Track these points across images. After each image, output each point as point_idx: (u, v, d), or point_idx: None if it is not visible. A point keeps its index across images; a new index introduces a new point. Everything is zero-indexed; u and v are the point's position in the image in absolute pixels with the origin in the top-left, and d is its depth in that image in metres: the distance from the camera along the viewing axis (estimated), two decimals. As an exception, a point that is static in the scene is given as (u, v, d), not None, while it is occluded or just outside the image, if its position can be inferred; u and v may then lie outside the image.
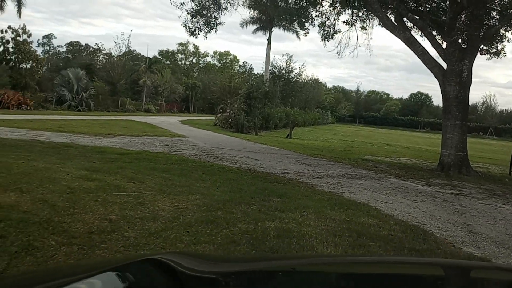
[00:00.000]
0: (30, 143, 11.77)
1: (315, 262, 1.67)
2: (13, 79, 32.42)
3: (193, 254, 2.31)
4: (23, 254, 3.64)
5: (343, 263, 1.72)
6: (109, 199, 5.85)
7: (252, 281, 1.33)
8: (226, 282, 1.28)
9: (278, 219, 5.53)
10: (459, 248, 5.05)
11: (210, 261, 1.57)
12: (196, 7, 15.90)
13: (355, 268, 1.59)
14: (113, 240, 4.19)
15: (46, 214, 4.84)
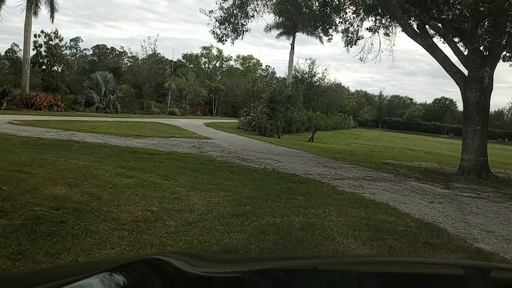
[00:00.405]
0: (67, 143, 12.50)
1: (316, 263, 1.69)
2: (45, 81, 33.66)
3: (193, 254, 2.30)
4: (83, 236, 4.22)
5: (344, 263, 1.76)
6: (148, 194, 6.44)
7: (252, 282, 1.33)
8: (226, 283, 1.30)
9: (302, 214, 6.03)
10: (470, 244, 5.46)
11: (210, 261, 1.58)
12: (224, 14, 16.59)
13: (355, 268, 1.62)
14: (157, 228, 4.75)
15: (95, 205, 5.44)
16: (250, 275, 1.36)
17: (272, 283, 1.33)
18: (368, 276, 1.52)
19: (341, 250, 4.55)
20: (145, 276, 1.25)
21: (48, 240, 3.97)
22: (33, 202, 5.25)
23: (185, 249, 4.12)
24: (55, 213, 4.85)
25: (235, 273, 1.39)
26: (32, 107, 28.91)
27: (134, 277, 1.23)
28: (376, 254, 4.48)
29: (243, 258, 2.40)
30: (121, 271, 1.22)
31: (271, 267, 1.50)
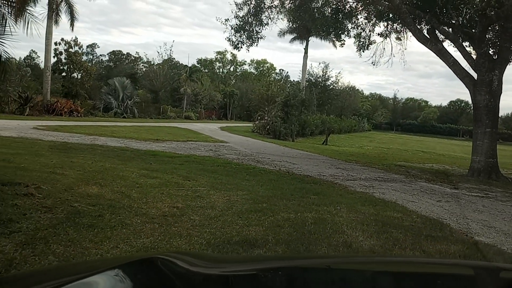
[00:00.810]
0: (91, 147, 13.15)
1: (315, 263, 1.71)
2: (65, 88, 34.70)
3: (193, 254, 2.32)
4: (120, 227, 4.77)
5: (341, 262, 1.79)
6: (172, 193, 6.99)
7: (251, 282, 1.34)
8: (225, 282, 1.31)
9: (315, 211, 6.51)
10: (471, 237, 5.89)
11: (209, 261, 1.59)
12: (239, 23, 17.21)
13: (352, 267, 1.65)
14: (183, 222, 5.28)
15: (126, 202, 6.00)
16: (249, 275, 1.39)
17: (271, 283, 1.34)
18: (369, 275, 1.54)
19: (350, 242, 5.01)
20: (145, 275, 1.27)
21: (90, 231, 4.53)
22: (70, 199, 5.83)
23: (210, 239, 4.64)
24: (92, 209, 5.42)
25: (235, 272, 1.41)
26: (53, 112, 29.85)
27: (134, 276, 1.24)
28: (388, 253, 4.69)
29: (243, 258, 2.38)
30: (121, 270, 1.24)
31: (271, 267, 1.51)
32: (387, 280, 1.51)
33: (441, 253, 4.86)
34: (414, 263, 1.97)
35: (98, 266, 1.46)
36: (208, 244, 4.46)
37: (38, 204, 5.38)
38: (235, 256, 3.45)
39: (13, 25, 5.93)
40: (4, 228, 4.30)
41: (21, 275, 2.20)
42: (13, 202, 5.28)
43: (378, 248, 4.85)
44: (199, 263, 1.43)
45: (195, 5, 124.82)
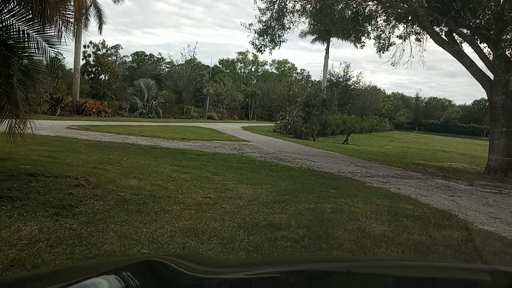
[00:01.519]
0: (123, 145, 14.04)
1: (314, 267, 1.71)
2: (93, 89, 36.01)
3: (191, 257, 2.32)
4: (162, 213, 5.52)
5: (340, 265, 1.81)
6: (203, 186, 7.73)
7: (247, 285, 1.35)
8: (221, 286, 1.33)
9: (333, 202, 7.17)
10: (475, 226, 6.46)
11: (206, 264, 1.61)
12: (262, 27, 17.95)
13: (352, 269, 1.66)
14: (216, 209, 6.00)
15: (164, 193, 6.76)
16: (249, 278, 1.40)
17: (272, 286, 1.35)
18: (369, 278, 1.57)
19: (363, 228, 5.65)
20: (144, 278, 1.28)
21: (138, 215, 5.29)
22: (116, 190, 6.61)
23: (241, 223, 5.34)
24: (136, 198, 6.19)
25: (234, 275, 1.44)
26: (82, 113, 31.09)
27: (133, 279, 1.25)
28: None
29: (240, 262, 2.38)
30: (121, 272, 1.26)
31: (268, 271, 1.52)
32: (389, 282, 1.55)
33: (445, 237, 5.45)
34: (417, 266, 1.98)
35: (97, 269, 1.44)
36: (239, 227, 5.16)
37: (90, 194, 6.17)
38: (233, 259, 3.49)
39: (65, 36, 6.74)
40: (67, 211, 5.09)
41: (23, 276, 2.29)
42: (69, 191, 6.09)
43: (389, 233, 5.47)
44: (195, 266, 1.44)
45: (217, 6, 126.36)
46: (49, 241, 4.06)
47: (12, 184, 6.23)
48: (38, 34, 6.87)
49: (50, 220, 4.70)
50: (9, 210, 4.91)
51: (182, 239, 4.53)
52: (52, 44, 7.05)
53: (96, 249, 3.97)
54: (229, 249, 4.36)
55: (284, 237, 4.91)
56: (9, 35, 6.48)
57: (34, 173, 7.09)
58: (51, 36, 6.88)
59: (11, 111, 6.37)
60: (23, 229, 4.33)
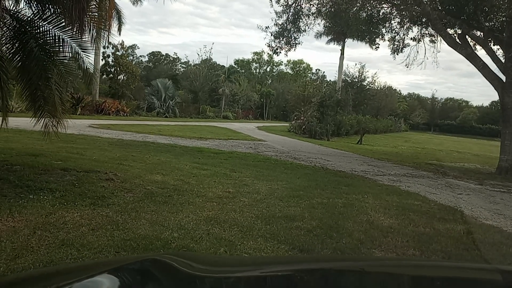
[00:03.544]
0: (144, 144, 14.63)
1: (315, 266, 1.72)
2: (112, 89, 36.85)
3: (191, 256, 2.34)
4: (187, 204, 6.04)
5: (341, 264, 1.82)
6: (223, 181, 8.24)
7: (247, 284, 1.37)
8: (222, 284, 1.34)
9: (345, 198, 7.62)
10: (479, 221, 6.85)
11: (208, 262, 1.62)
12: (278, 29, 18.45)
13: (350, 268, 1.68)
14: (235, 202, 6.51)
15: (187, 187, 7.29)
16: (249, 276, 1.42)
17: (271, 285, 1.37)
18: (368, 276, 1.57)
19: (372, 221, 6.09)
20: (145, 276, 1.29)
21: (165, 206, 5.82)
22: (143, 184, 7.16)
23: (258, 214, 5.83)
24: (162, 191, 6.72)
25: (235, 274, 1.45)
26: (101, 112, 31.88)
27: (135, 277, 1.26)
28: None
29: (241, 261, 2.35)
30: (122, 271, 1.27)
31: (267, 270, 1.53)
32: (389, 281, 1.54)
33: (448, 230, 5.87)
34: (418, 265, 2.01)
35: (100, 267, 1.46)
36: (257, 218, 5.65)
37: (119, 187, 6.73)
38: (234, 258, 3.52)
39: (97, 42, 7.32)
40: (102, 202, 5.64)
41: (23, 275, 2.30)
42: (101, 185, 6.65)
43: (395, 226, 5.91)
44: (197, 265, 1.44)
45: (232, 5, 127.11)
46: (90, 226, 4.60)
47: (49, 177, 6.82)
48: (72, 40, 7.44)
49: (88, 209, 5.25)
50: (51, 200, 5.47)
51: (206, 226, 5.04)
52: (85, 49, 7.63)
53: (132, 233, 4.50)
54: (249, 236, 4.85)
55: (298, 227, 5.38)
56: (46, 41, 7.05)
57: (67, 168, 7.68)
58: (84, 41, 7.46)
59: (48, 111, 6.94)
60: (66, 215, 4.88)
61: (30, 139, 11.75)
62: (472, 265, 2.68)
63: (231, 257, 3.79)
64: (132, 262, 1.49)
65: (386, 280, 1.54)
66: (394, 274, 1.63)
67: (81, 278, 1.23)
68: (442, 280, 1.56)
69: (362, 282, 1.52)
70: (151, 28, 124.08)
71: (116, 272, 1.28)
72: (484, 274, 1.70)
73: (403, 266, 1.89)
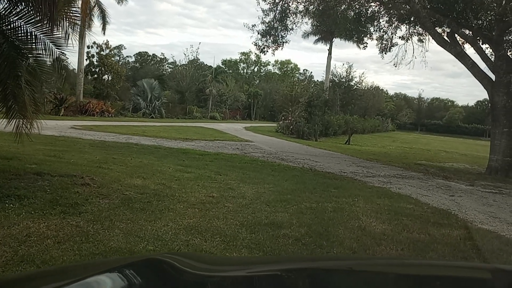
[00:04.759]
0: (127, 145, 14.16)
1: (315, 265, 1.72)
2: (96, 89, 36.19)
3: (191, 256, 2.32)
4: (166, 211, 5.64)
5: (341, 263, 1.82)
6: (207, 185, 7.84)
7: (248, 283, 1.36)
8: (223, 284, 1.33)
9: (334, 202, 7.27)
10: (474, 225, 6.55)
11: (208, 262, 1.61)
12: (265, 28, 18.07)
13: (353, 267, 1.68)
14: (219, 208, 6.12)
15: (168, 192, 6.88)
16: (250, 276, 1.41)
17: (269, 285, 1.36)
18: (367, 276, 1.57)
19: (364, 226, 5.75)
20: (145, 276, 1.28)
21: (143, 213, 5.41)
22: (121, 189, 6.74)
23: (243, 222, 5.45)
24: (141, 196, 6.31)
25: (235, 273, 1.44)
26: (85, 113, 31.22)
27: (135, 277, 1.25)
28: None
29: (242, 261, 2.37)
30: (121, 271, 1.26)
31: (269, 269, 1.53)
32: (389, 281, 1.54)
33: (444, 236, 5.56)
34: (417, 265, 2.01)
35: (98, 267, 1.45)
36: (241, 225, 5.27)
37: (95, 192, 6.30)
38: (234, 258, 3.51)
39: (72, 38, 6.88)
40: (74, 210, 5.22)
41: (23, 275, 2.28)
42: (75, 190, 6.22)
43: (389, 232, 5.58)
44: (197, 265, 1.44)
45: (220, 6, 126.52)
46: (57, 238, 4.18)
47: (19, 183, 6.36)
48: (45, 36, 6.99)
49: (57, 218, 4.82)
50: (17, 208, 5.03)
51: (186, 236, 4.65)
52: (59, 46, 7.18)
53: (102, 246, 4.09)
54: (232, 247, 4.47)
55: (285, 235, 5.02)
56: (17, 36, 6.61)
57: (40, 172, 7.22)
58: (58, 37, 7.02)
59: (18, 111, 6.49)
60: (31, 226, 4.45)
61: (5, 141, 11.22)
62: (472, 265, 2.69)
63: (232, 257, 3.87)
64: (132, 262, 1.49)
65: (385, 280, 1.55)
66: (393, 274, 1.63)
67: (81, 278, 1.21)
68: (441, 279, 1.55)
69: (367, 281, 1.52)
70: (139, 28, 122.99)
71: (116, 272, 1.27)
72: (484, 274, 1.70)
73: (403, 265, 1.86)
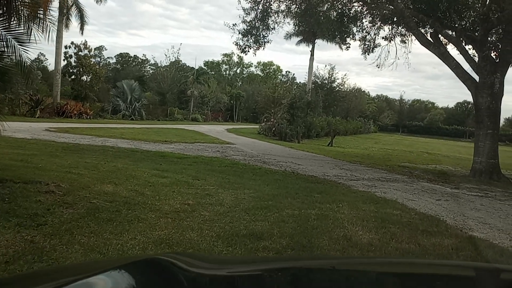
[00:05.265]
0: (102, 148, 13.60)
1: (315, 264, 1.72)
2: (74, 90, 35.27)
3: (192, 255, 2.32)
4: (136, 221, 5.17)
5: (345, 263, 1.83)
6: (183, 191, 7.38)
7: (250, 282, 1.36)
8: (224, 283, 1.33)
9: (318, 208, 6.88)
10: (465, 232, 6.22)
11: (209, 262, 1.61)
12: (246, 27, 17.64)
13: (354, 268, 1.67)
14: (194, 217, 5.67)
15: (140, 199, 6.40)
16: (251, 275, 1.41)
17: (270, 284, 1.36)
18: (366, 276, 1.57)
19: (349, 236, 5.37)
20: (145, 276, 1.27)
21: (109, 224, 4.93)
22: (89, 196, 6.23)
23: (219, 233, 5.02)
24: (110, 205, 5.82)
25: (236, 273, 1.43)
26: (63, 115, 30.37)
27: (134, 277, 1.25)
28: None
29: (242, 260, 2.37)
30: (121, 271, 1.26)
31: (270, 268, 1.54)
32: (389, 281, 1.53)
33: (435, 246, 5.20)
34: (417, 264, 2.02)
35: (98, 267, 1.43)
36: (218, 237, 4.83)
37: (60, 201, 5.79)
38: (235, 257, 3.45)
39: (36, 34, 6.36)
40: (31, 222, 4.71)
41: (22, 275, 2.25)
42: (37, 199, 5.69)
43: (376, 242, 5.20)
44: (198, 264, 1.44)
45: (202, 7, 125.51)
46: (6, 256, 3.69)
47: (-24, 191, 5.82)
48: (7, 32, 6.47)
49: (10, 232, 4.31)
50: (-33, 221, 4.51)
51: (155, 251, 4.20)
52: (22, 42, 6.65)
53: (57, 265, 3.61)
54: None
55: (265, 248, 4.60)
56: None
57: (2, 179, 6.66)
58: (20, 33, 6.50)
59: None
60: (-22, 242, 3.95)
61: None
62: (472, 265, 2.66)
63: (233, 256, 3.89)
64: (132, 262, 1.47)
65: (384, 280, 1.55)
66: (392, 273, 1.62)
67: (81, 278, 1.19)
68: (441, 279, 1.55)
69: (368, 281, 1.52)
70: (120, 29, 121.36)
71: (117, 272, 1.26)
72: (484, 274, 1.68)
73: (402, 265, 1.86)
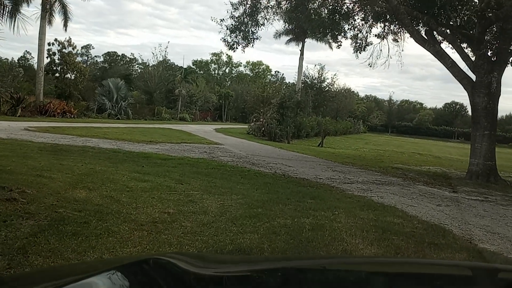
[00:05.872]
0: (82, 149, 12.83)
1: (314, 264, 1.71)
2: (58, 89, 34.27)
3: (193, 255, 2.31)
4: (106, 235, 4.49)
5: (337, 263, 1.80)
6: (164, 197, 6.71)
7: (249, 282, 1.35)
8: (224, 282, 1.32)
9: (312, 216, 6.26)
10: (475, 244, 5.65)
11: (209, 262, 1.60)
12: (234, 23, 16.94)
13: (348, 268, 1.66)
14: (174, 228, 5.01)
15: (115, 207, 5.72)
16: (252, 274, 1.39)
17: (270, 283, 1.35)
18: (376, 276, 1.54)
19: (349, 250, 4.76)
20: (145, 276, 1.27)
21: (74, 239, 4.25)
22: (56, 204, 5.54)
23: (201, 248, 4.37)
24: (78, 215, 5.13)
25: (237, 272, 1.41)
26: (46, 114, 29.39)
27: (134, 277, 1.24)
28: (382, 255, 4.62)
29: (242, 259, 2.38)
30: (121, 271, 1.24)
31: (269, 267, 1.52)
32: (383, 280, 1.52)
33: (445, 262, 4.61)
34: (412, 263, 2.01)
35: (98, 267, 1.45)
36: (199, 254, 4.18)
37: (21, 210, 5.09)
38: (236, 257, 3.35)
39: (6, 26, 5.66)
40: (-20, 237, 4.02)
41: (22, 275, 2.22)
42: (-6, 208, 4.99)
43: (380, 257, 4.60)
44: (198, 264, 1.43)
45: (192, 7, 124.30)
46: None
47: None
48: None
49: (-50, 251, 3.63)
50: None
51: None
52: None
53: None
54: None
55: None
56: None
57: (-42, 184, 5.95)
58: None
59: None
60: None
61: None
62: (472, 265, 2.65)
63: (235, 256, 3.80)
64: (133, 261, 1.47)
65: (384, 280, 1.53)
66: (392, 273, 1.61)
67: (81, 277, 1.18)
68: (441, 279, 1.55)
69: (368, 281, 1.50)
70: (109, 28, 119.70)
71: (117, 272, 1.25)
72: (484, 274, 1.67)
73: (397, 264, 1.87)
